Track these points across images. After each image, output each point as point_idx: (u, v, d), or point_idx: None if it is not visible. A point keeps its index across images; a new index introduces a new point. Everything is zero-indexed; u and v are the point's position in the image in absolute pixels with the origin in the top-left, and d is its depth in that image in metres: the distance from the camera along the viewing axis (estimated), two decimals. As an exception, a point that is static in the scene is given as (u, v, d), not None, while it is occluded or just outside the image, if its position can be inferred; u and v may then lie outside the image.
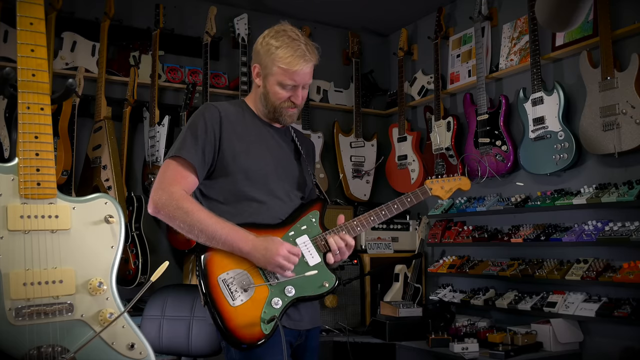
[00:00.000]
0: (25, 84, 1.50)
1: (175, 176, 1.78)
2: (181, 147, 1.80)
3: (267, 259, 1.73)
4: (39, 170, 1.50)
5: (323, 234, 1.88)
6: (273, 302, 1.73)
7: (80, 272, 1.53)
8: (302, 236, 1.86)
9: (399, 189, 4.21)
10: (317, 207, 1.94)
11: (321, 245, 1.87)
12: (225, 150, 1.84)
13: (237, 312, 1.70)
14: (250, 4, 4.14)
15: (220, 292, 1.70)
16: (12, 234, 1.44)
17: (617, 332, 2.84)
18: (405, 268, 3.80)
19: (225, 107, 1.92)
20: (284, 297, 1.76)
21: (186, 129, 1.85)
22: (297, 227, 1.88)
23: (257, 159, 1.88)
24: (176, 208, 1.72)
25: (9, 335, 1.40)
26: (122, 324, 1.56)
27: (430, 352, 3.01)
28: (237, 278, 1.74)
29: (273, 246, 1.74)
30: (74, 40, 3.58)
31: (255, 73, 1.93)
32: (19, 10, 1.53)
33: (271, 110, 1.92)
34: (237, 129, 1.89)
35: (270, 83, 1.88)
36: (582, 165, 3.10)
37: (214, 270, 1.73)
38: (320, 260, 1.85)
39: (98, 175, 3.39)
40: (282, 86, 1.87)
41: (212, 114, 1.86)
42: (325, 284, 1.82)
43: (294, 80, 1.86)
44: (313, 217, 1.91)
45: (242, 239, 1.73)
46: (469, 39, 3.88)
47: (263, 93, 1.91)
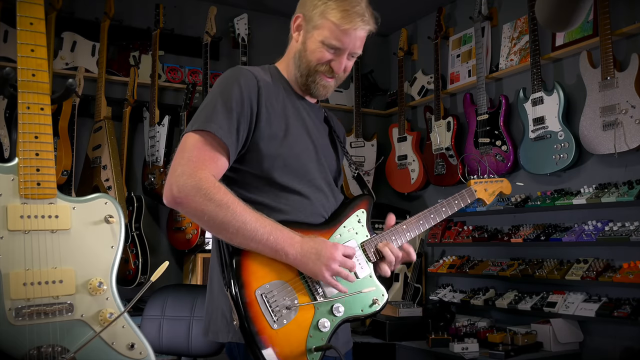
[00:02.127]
0: (25, 84, 1.50)
1: (204, 157, 1.39)
2: (211, 119, 1.41)
3: (318, 266, 1.39)
4: (39, 170, 1.50)
5: (372, 238, 1.56)
6: (320, 324, 1.40)
7: (80, 272, 1.53)
8: (350, 241, 1.53)
9: (399, 189, 4.21)
10: (363, 204, 1.61)
11: (370, 253, 1.54)
12: (262, 129, 1.48)
13: (280, 336, 1.35)
14: (250, 4, 4.14)
15: (260, 310, 1.35)
16: (12, 234, 1.44)
17: (617, 332, 2.84)
18: (405, 268, 3.80)
19: (260, 73, 1.55)
20: (332, 318, 1.43)
21: (216, 96, 1.46)
22: (344, 230, 1.54)
23: (298, 141, 1.53)
24: (206, 200, 1.34)
25: (9, 335, 1.40)
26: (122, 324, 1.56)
27: (430, 352, 3.01)
28: (278, 292, 1.39)
29: (326, 250, 1.40)
30: (74, 40, 3.58)
31: (296, 25, 1.58)
32: (19, 10, 1.53)
33: (304, 74, 1.55)
34: (275, 103, 1.52)
35: (313, 39, 1.52)
36: (582, 165, 3.10)
37: (252, 281, 1.37)
38: (370, 271, 1.53)
39: (98, 175, 3.39)
40: (326, 45, 1.51)
41: (248, 81, 1.48)
42: (377, 302, 1.50)
43: (341, 41, 1.50)
44: (360, 217, 1.58)
45: (287, 240, 1.39)
46: (469, 39, 3.88)
47: (299, 50, 1.56)
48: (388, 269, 1.56)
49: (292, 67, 1.59)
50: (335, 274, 1.41)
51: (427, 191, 4.15)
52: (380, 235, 1.58)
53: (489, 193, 1.92)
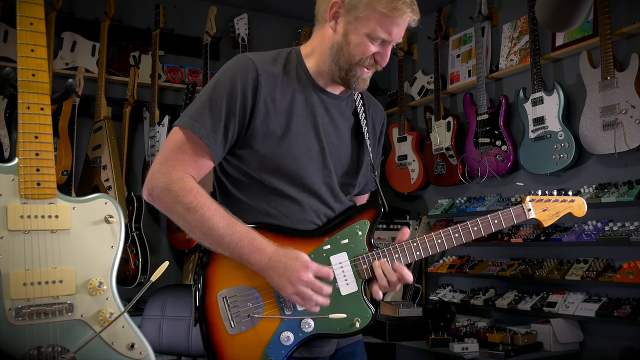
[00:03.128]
0: (25, 84, 1.50)
1: (181, 157, 1.36)
2: (196, 116, 1.36)
3: (282, 282, 1.30)
4: (39, 170, 1.50)
5: (369, 254, 1.43)
6: (282, 337, 1.33)
7: (80, 272, 1.53)
8: (339, 253, 1.41)
9: (399, 189, 4.21)
10: (368, 215, 1.47)
11: (362, 269, 1.41)
12: (256, 127, 1.39)
13: (235, 342, 1.32)
14: (250, 4, 4.14)
15: (218, 312, 1.33)
16: (12, 234, 1.44)
17: (617, 332, 2.84)
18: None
19: (266, 61, 1.44)
20: (298, 333, 1.35)
21: (209, 89, 1.40)
22: (336, 240, 1.42)
23: (297, 141, 1.42)
24: (175, 201, 1.32)
25: (9, 335, 1.40)
26: (122, 324, 1.56)
27: (430, 352, 3.01)
28: (242, 298, 1.35)
29: (295, 266, 1.30)
30: (74, 40, 3.58)
31: (333, 13, 1.41)
32: (19, 10, 1.53)
33: (344, 68, 1.42)
34: (277, 95, 1.42)
35: (357, 30, 1.38)
36: (582, 165, 3.10)
37: (215, 283, 1.35)
38: (357, 289, 1.40)
39: (98, 175, 3.39)
40: (372, 38, 1.39)
41: (246, 74, 1.39)
42: (356, 323, 1.38)
43: (390, 33, 1.39)
44: (360, 228, 1.45)
45: (256, 249, 1.32)
46: (469, 39, 3.88)
47: (338, 43, 1.41)
48: (379, 291, 1.42)
49: (327, 59, 1.44)
50: (298, 293, 1.31)
51: (427, 191, 4.15)
52: (381, 251, 1.44)
53: (551, 214, 1.61)
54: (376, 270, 1.41)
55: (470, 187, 3.73)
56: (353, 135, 1.55)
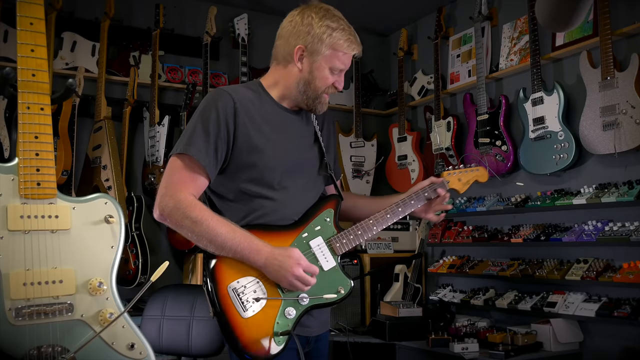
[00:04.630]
0: (25, 84, 1.50)
1: (183, 179, 1.62)
2: (190, 142, 1.63)
3: (279, 276, 1.61)
4: (39, 170, 1.50)
5: (338, 235, 1.76)
6: (286, 312, 1.63)
7: (80, 272, 1.53)
8: (316, 238, 1.74)
9: (399, 188, 4.21)
10: (331, 204, 1.81)
11: (336, 247, 1.75)
12: (239, 146, 1.68)
13: (249, 323, 1.58)
14: (250, 4, 4.14)
15: (231, 302, 1.58)
16: (12, 234, 1.44)
17: (617, 332, 2.84)
18: (405, 268, 3.80)
19: (241, 92, 1.73)
20: (297, 307, 1.65)
21: (196, 120, 1.67)
22: (311, 228, 1.75)
23: (275, 154, 1.72)
24: (184, 217, 1.58)
25: (9, 335, 1.40)
26: (122, 324, 1.56)
27: (430, 352, 3.01)
28: (248, 287, 1.62)
29: (288, 263, 1.60)
30: (74, 40, 3.58)
31: (298, 55, 1.72)
32: (19, 10, 1.53)
33: (311, 97, 1.76)
34: (254, 120, 1.71)
35: (321, 67, 1.72)
36: (582, 165, 3.10)
37: (224, 279, 1.60)
38: (335, 264, 1.74)
39: (98, 175, 3.39)
40: (332, 70, 1.73)
41: (225, 104, 1.67)
42: (340, 290, 1.72)
43: (345, 64, 1.75)
44: (327, 216, 1.78)
45: (254, 250, 1.60)
46: (469, 39, 3.88)
47: (305, 79, 1.74)
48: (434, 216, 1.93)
49: (294, 91, 1.75)
50: (292, 285, 1.62)
51: (427, 191, 4.15)
52: (347, 231, 1.78)
53: (463, 182, 2.07)
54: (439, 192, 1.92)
55: (470, 187, 3.72)
56: (313, 142, 1.85)
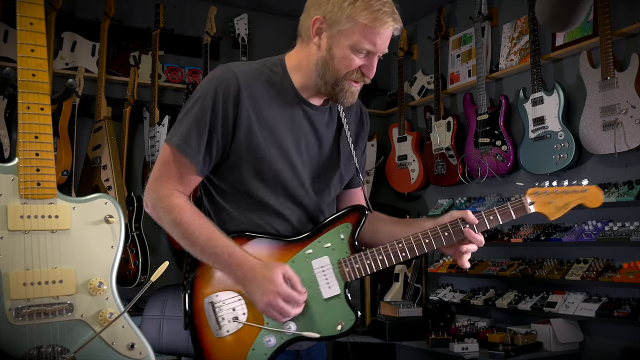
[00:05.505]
0: (25, 84, 1.50)
1: (170, 174, 1.43)
2: (182, 135, 1.41)
3: (254, 299, 1.37)
4: (39, 170, 1.50)
5: (351, 257, 1.45)
6: (265, 340, 1.39)
7: (80, 272, 1.53)
8: (321, 257, 1.45)
9: (399, 189, 4.21)
10: (352, 218, 1.49)
11: (344, 272, 1.44)
12: (240, 140, 1.43)
13: (221, 345, 1.39)
14: (250, 4, 4.14)
15: (205, 317, 1.40)
16: (12, 234, 1.44)
17: (617, 332, 2.84)
18: (405, 268, 3.80)
19: (252, 73, 1.46)
20: (279, 336, 1.40)
21: (192, 105, 1.43)
22: (319, 244, 1.46)
23: (281, 153, 1.46)
24: (163, 216, 1.43)
25: (9, 335, 1.40)
26: (122, 324, 1.56)
27: (430, 352, 3.01)
28: (227, 303, 1.40)
29: (266, 288, 1.34)
30: (74, 40, 3.58)
31: (315, 29, 1.42)
32: (19, 10, 1.53)
33: (330, 83, 1.43)
34: (261, 112, 1.44)
35: (340, 44, 1.39)
36: (582, 165, 3.10)
37: (203, 290, 1.42)
38: (339, 291, 1.43)
39: (98, 175, 3.39)
40: (357, 50, 1.39)
41: (227, 90, 1.41)
42: (339, 325, 1.41)
43: (374, 43, 1.39)
44: (343, 232, 1.47)
45: (234, 264, 1.37)
46: (469, 39, 3.88)
47: (323, 58, 1.42)
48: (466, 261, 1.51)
49: (314, 74, 1.45)
50: (267, 313, 1.37)
51: (427, 191, 4.15)
52: (364, 253, 1.45)
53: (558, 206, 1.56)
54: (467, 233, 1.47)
55: (470, 187, 3.73)
56: (335, 144, 1.56)
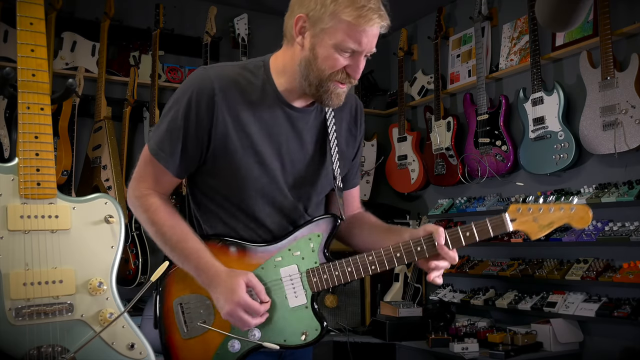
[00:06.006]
0: (25, 84, 1.50)
1: (147, 175, 1.47)
2: (158, 141, 1.43)
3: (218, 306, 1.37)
4: (39, 170, 1.50)
5: (319, 267, 1.42)
6: (230, 345, 1.39)
7: (80, 272, 1.53)
8: (290, 266, 1.43)
9: (399, 189, 4.21)
10: (322, 227, 1.46)
11: (312, 282, 1.41)
12: (217, 146, 1.42)
13: (187, 346, 1.41)
14: (250, 4, 4.14)
15: (174, 317, 1.43)
16: (12, 234, 1.44)
17: (617, 332, 2.84)
18: (405, 268, 3.80)
19: (229, 77, 1.41)
20: (244, 342, 1.39)
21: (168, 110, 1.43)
22: (289, 252, 1.44)
23: (258, 159, 1.43)
24: (138, 216, 1.47)
25: (9, 335, 1.40)
26: (122, 324, 1.56)
27: (430, 352, 3.01)
28: (196, 305, 1.43)
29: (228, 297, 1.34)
30: (74, 40, 3.58)
31: (299, 28, 1.36)
32: (19, 10, 1.53)
33: (314, 84, 1.38)
34: (237, 113, 1.41)
35: (324, 43, 1.33)
36: (582, 165, 3.10)
37: (174, 290, 1.45)
38: (306, 301, 1.41)
39: (98, 175, 3.39)
40: (341, 50, 1.33)
41: (201, 95, 1.38)
42: (304, 335, 1.40)
43: (359, 42, 1.33)
44: (313, 241, 1.45)
45: (200, 269, 1.38)
46: (469, 39, 3.88)
47: (306, 58, 1.37)
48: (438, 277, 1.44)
49: (297, 75, 1.40)
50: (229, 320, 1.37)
51: (427, 191, 4.15)
52: (333, 264, 1.42)
53: (542, 225, 1.44)
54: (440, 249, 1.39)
55: (470, 187, 3.73)
56: (321, 146, 1.52)
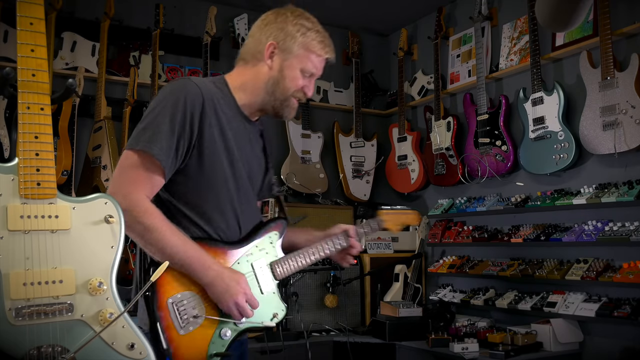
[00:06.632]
0: (25, 84, 1.50)
1: (140, 178, 1.52)
2: (153, 139, 1.51)
3: (221, 299, 1.55)
4: (39, 170, 1.50)
5: (280, 260, 1.73)
6: (222, 333, 1.58)
7: (80, 272, 1.52)
8: (259, 259, 1.70)
9: (399, 189, 4.21)
10: (277, 227, 1.76)
11: (277, 272, 1.71)
12: (202, 148, 1.58)
13: (185, 341, 1.53)
14: (250, 4, 4.14)
15: (169, 316, 1.53)
16: (12, 234, 1.44)
17: (617, 332, 2.84)
18: (405, 268, 3.80)
19: (208, 87, 1.61)
20: (234, 328, 1.60)
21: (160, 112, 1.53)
22: (256, 248, 1.70)
23: (233, 164, 1.64)
24: (135, 222, 1.51)
25: (9, 335, 1.40)
26: (122, 324, 1.55)
27: (430, 352, 3.01)
28: (188, 302, 1.56)
29: (234, 289, 1.55)
30: (74, 40, 3.58)
31: (269, 52, 1.65)
32: (19, 10, 1.53)
33: (280, 99, 1.67)
34: (220, 122, 1.61)
35: (292, 66, 1.65)
36: (582, 165, 3.10)
37: (166, 290, 1.54)
38: (274, 288, 1.71)
39: (98, 175, 3.39)
40: (303, 72, 1.66)
41: (194, 98, 1.55)
42: (276, 315, 1.68)
43: (316, 68, 1.68)
44: (272, 239, 1.74)
45: (203, 266, 1.54)
46: (469, 39, 3.88)
47: (274, 77, 1.65)
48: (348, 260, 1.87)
49: (262, 92, 1.66)
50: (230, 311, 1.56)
51: (427, 191, 4.15)
52: (288, 257, 1.75)
53: (396, 224, 2.07)
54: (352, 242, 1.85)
55: (470, 187, 3.73)
56: (261, 156, 1.79)
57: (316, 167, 4.16)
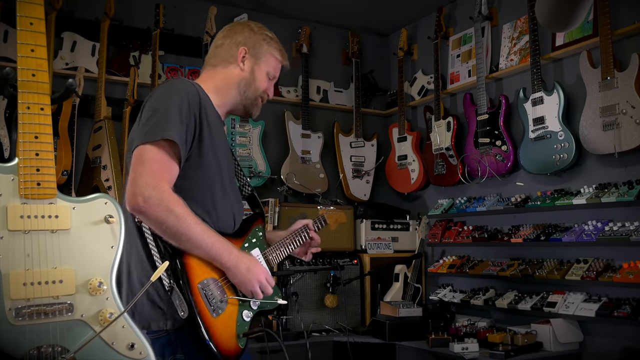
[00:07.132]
0: (25, 84, 1.50)
1: (162, 169, 1.58)
2: (169, 127, 1.57)
3: (244, 280, 1.67)
4: (39, 170, 1.50)
5: (269, 249, 1.90)
6: (244, 315, 1.71)
7: (80, 272, 1.53)
8: (255, 249, 1.85)
9: (399, 189, 4.21)
10: (260, 221, 1.92)
11: (270, 259, 1.88)
12: (201, 142, 1.68)
13: (218, 323, 1.61)
14: (250, 4, 4.14)
15: (202, 300, 1.59)
16: (12, 234, 1.44)
17: (617, 332, 2.84)
18: (405, 268, 3.80)
19: (199, 88, 1.75)
20: (252, 310, 1.74)
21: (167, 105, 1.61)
22: (250, 240, 1.84)
23: (220, 157, 1.76)
24: (167, 211, 1.54)
25: (9, 335, 1.40)
26: (122, 324, 1.56)
27: (430, 352, 3.01)
28: (213, 287, 1.64)
29: (257, 269, 1.69)
30: (74, 40, 3.58)
31: (241, 56, 1.84)
32: (19, 10, 1.53)
33: (250, 98, 1.86)
34: (210, 120, 1.73)
35: (261, 69, 1.86)
36: (582, 165, 3.10)
37: (194, 276, 1.61)
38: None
39: (98, 175, 3.39)
40: (268, 75, 1.87)
41: (195, 97, 1.67)
42: (277, 299, 1.82)
43: (277, 72, 1.91)
44: (260, 231, 1.89)
45: (226, 251, 1.65)
46: (469, 39, 3.88)
47: (246, 79, 1.84)
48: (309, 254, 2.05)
49: (234, 92, 1.84)
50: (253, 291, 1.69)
51: (427, 191, 4.15)
52: (274, 246, 1.93)
53: (333, 221, 2.27)
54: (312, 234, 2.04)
55: (470, 187, 3.73)
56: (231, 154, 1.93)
57: (316, 167, 4.16)
